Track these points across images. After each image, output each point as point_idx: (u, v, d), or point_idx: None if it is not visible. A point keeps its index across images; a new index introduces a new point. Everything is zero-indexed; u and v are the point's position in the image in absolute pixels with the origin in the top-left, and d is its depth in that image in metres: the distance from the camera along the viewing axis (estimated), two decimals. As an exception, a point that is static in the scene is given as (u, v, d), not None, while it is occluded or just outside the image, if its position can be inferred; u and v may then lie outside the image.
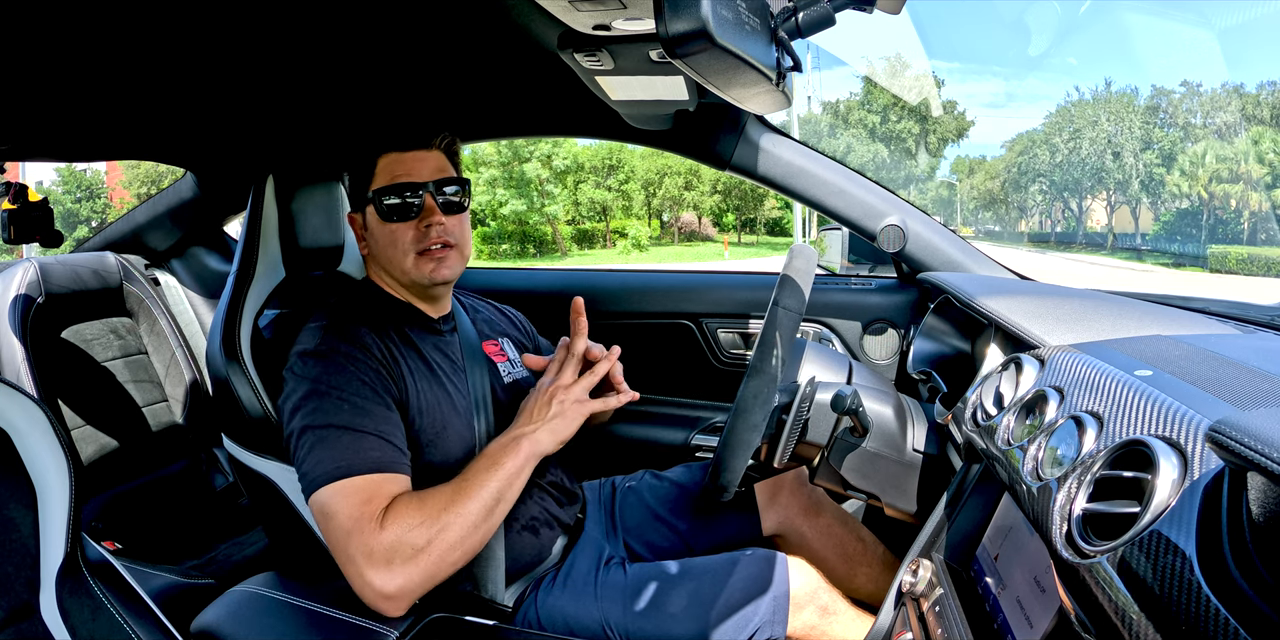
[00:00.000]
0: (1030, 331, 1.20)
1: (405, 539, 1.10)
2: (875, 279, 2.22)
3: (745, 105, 1.06)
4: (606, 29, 1.06)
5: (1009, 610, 0.91)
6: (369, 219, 1.35)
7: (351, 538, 1.10)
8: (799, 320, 1.26)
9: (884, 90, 38.70)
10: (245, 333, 1.34)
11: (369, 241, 1.37)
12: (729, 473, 1.22)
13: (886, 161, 40.44)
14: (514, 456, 1.20)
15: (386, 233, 1.33)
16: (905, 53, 37.34)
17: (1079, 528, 0.71)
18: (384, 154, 1.34)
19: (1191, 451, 0.66)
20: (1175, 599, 0.57)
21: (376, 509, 1.11)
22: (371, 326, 1.29)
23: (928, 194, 46.19)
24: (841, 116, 40.81)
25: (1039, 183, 41.66)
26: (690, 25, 0.72)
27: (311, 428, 1.17)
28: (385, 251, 1.35)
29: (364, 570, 1.09)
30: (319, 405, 1.18)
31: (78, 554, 0.94)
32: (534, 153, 29.61)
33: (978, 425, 1.10)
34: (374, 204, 1.32)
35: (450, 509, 1.14)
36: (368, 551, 1.09)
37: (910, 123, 39.67)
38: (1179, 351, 0.93)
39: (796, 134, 28.67)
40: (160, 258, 2.45)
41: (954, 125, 41.62)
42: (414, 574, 1.10)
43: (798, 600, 1.30)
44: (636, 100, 1.42)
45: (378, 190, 1.32)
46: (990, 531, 1.06)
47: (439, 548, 1.11)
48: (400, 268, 1.34)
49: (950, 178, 46.63)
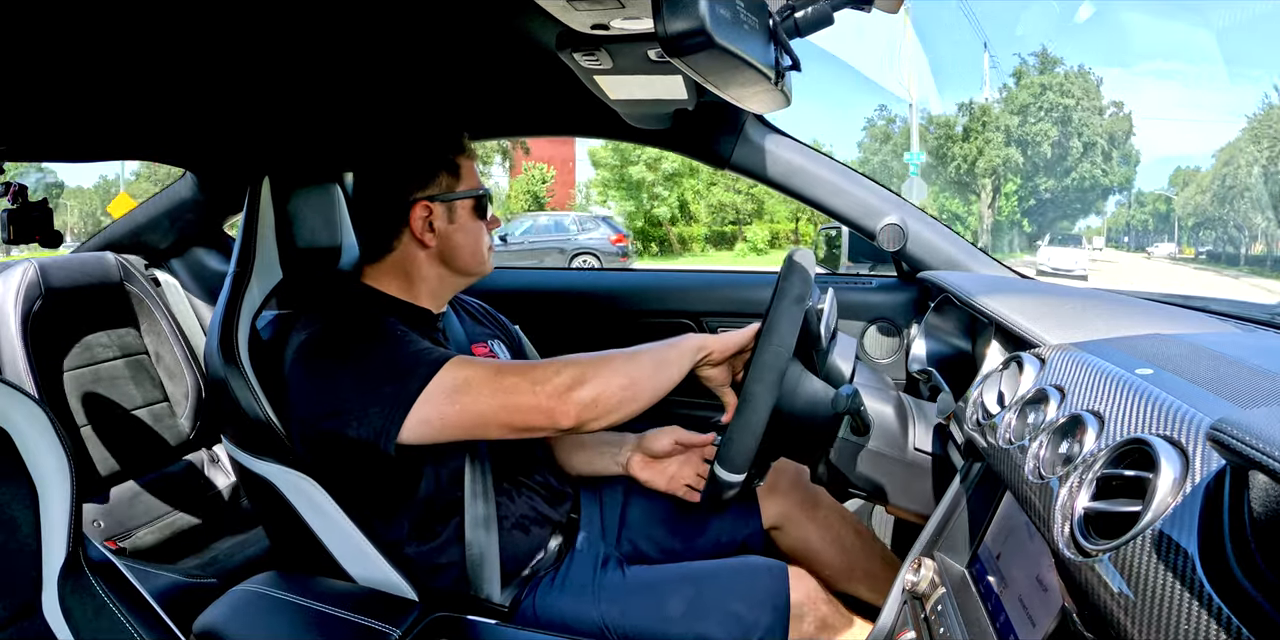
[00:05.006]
0: (1031, 330, 1.20)
1: (571, 369, 1.21)
2: (875, 278, 2.22)
3: (744, 104, 1.06)
4: (605, 28, 1.07)
5: (1011, 609, 0.92)
6: (460, 213, 1.41)
7: (513, 377, 1.21)
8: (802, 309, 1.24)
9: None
10: (243, 334, 1.34)
11: (449, 233, 1.41)
12: (740, 457, 1.21)
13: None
14: (678, 342, 1.30)
15: (475, 229, 1.42)
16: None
17: (1080, 526, 0.71)
18: (461, 156, 1.42)
19: (1193, 450, 0.66)
20: (1178, 597, 0.57)
21: (507, 361, 1.23)
22: (374, 322, 1.30)
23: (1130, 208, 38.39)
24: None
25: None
26: (688, 24, 0.72)
27: (359, 381, 1.21)
28: (469, 245, 1.42)
29: (551, 389, 1.19)
30: (349, 365, 1.24)
31: (79, 554, 0.93)
32: (640, 156, 29.24)
33: (978, 424, 1.10)
34: (475, 201, 1.42)
35: (609, 355, 1.25)
36: (543, 377, 1.20)
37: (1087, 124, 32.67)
38: (1179, 350, 0.93)
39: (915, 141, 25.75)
40: (160, 257, 2.45)
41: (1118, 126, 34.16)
42: (596, 390, 1.20)
43: (798, 611, 1.31)
44: (635, 99, 1.42)
45: (479, 190, 1.42)
46: (992, 530, 1.06)
47: (605, 372, 1.22)
48: (480, 259, 1.44)
49: (1168, 191, 38.43)
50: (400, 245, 1.40)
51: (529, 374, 1.20)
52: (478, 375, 1.20)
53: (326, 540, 1.28)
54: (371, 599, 1.23)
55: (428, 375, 1.18)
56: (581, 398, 1.18)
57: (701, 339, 1.31)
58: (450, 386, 1.18)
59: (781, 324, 1.18)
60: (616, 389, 1.20)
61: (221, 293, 1.37)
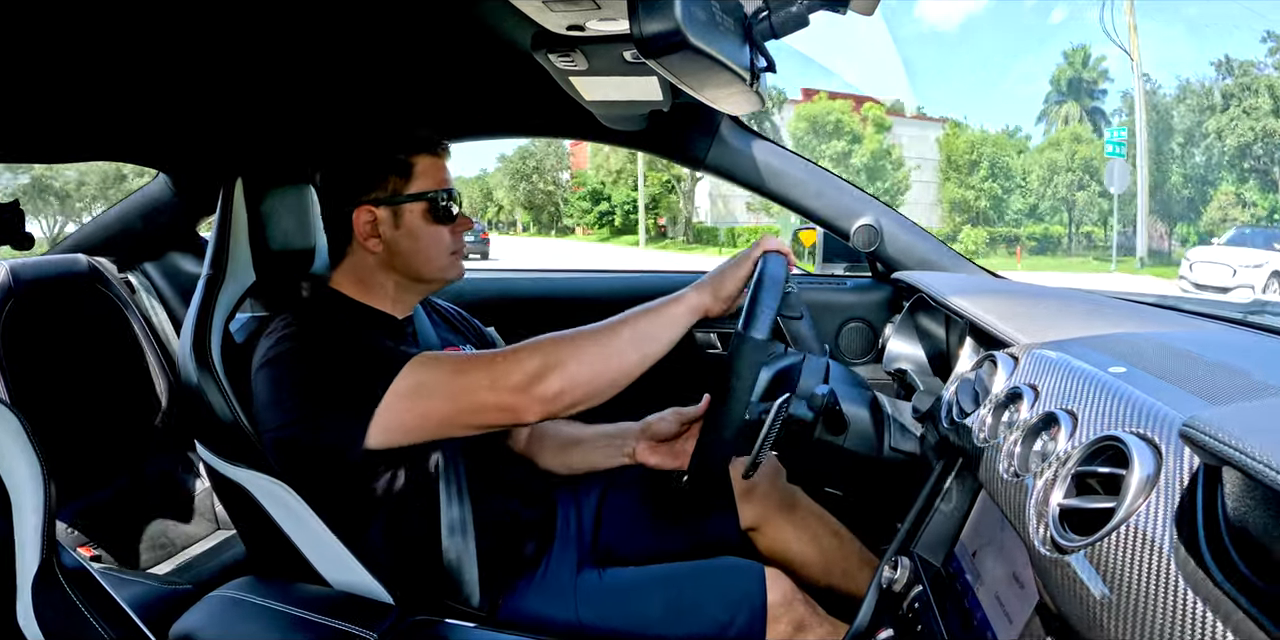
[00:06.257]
0: (1004, 330, 1.20)
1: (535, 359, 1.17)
2: (851, 278, 2.23)
3: (719, 106, 1.07)
4: (580, 30, 1.07)
5: (988, 606, 0.92)
6: (407, 218, 1.36)
7: (472, 374, 1.18)
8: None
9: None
10: (216, 337, 1.32)
11: (395, 239, 1.36)
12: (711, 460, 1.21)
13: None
14: (668, 305, 1.26)
15: (430, 233, 1.37)
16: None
17: (1056, 523, 0.72)
18: (418, 155, 1.37)
19: (1166, 447, 0.66)
20: (1153, 592, 0.57)
21: (472, 354, 1.19)
22: (338, 329, 1.28)
23: None
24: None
25: None
26: (664, 26, 0.72)
27: (319, 389, 1.20)
28: (424, 251, 1.37)
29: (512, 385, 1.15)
30: (310, 373, 1.21)
31: (53, 561, 0.92)
32: (825, 151, 28.86)
33: (953, 423, 1.11)
34: (429, 204, 1.36)
35: (584, 332, 1.21)
36: (504, 373, 1.16)
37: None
38: (1152, 349, 0.94)
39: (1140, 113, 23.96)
40: (133, 260, 2.42)
41: None
42: (563, 380, 1.16)
43: (775, 612, 1.31)
44: (610, 101, 1.42)
45: (432, 192, 1.36)
46: (968, 528, 1.07)
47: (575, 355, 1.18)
48: (435, 266, 1.39)
49: None
50: (351, 251, 1.39)
51: (490, 369, 1.17)
52: (434, 378, 1.18)
53: (302, 545, 1.27)
54: (348, 603, 1.23)
55: (385, 382, 1.16)
56: (545, 392, 1.15)
57: (697, 297, 1.27)
58: (407, 391, 1.16)
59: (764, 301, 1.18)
60: (587, 376, 1.18)
61: (195, 295, 1.36)
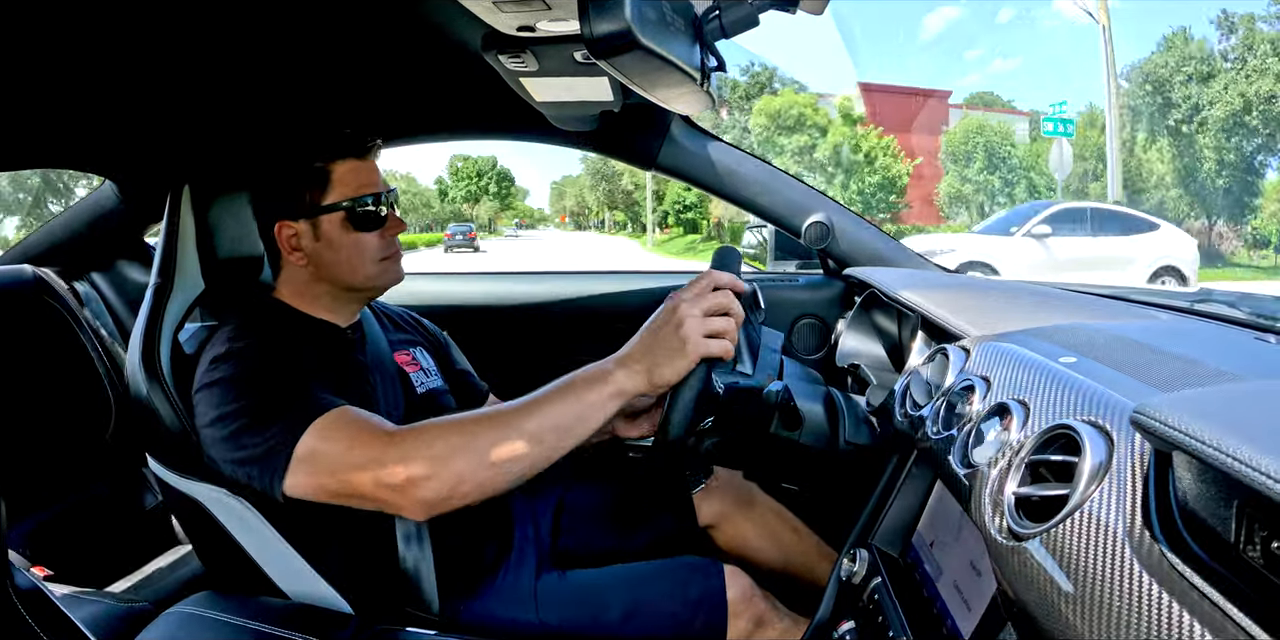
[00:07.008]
0: (955, 323, 1.22)
1: (420, 460, 1.06)
2: (802, 275, 2.25)
3: (670, 106, 1.07)
4: (531, 30, 1.06)
5: (947, 595, 0.94)
6: (325, 229, 1.31)
7: (362, 456, 1.07)
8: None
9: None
10: (165, 348, 1.30)
11: (317, 251, 1.32)
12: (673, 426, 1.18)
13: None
14: (590, 389, 1.09)
15: (352, 242, 1.31)
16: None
17: (1011, 512, 0.73)
18: (337, 161, 1.31)
19: (1117, 434, 0.68)
20: (1108, 577, 0.58)
21: (378, 428, 1.10)
22: (281, 340, 1.25)
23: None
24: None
25: None
26: (614, 26, 0.72)
27: (245, 409, 1.14)
28: (348, 261, 1.32)
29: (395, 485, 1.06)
30: (243, 390, 1.15)
31: (5, 583, 0.90)
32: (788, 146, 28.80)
33: (907, 415, 1.13)
34: (346, 213, 1.30)
35: (485, 422, 1.08)
36: (389, 472, 1.05)
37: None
38: (1101, 338, 0.96)
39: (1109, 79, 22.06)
40: (79, 269, 2.37)
41: None
42: (448, 484, 1.07)
43: (735, 609, 1.31)
44: (561, 101, 1.42)
45: (350, 200, 1.30)
46: (925, 519, 1.09)
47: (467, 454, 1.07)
48: (364, 275, 1.33)
49: None
50: (285, 264, 1.36)
51: (382, 456, 1.07)
52: (326, 451, 1.10)
53: (259, 558, 1.25)
54: (308, 614, 1.21)
55: (291, 442, 1.10)
56: (425, 496, 1.07)
57: (628, 380, 1.09)
58: (302, 457, 1.10)
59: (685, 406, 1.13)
60: (481, 477, 1.08)
61: (143, 305, 1.33)
